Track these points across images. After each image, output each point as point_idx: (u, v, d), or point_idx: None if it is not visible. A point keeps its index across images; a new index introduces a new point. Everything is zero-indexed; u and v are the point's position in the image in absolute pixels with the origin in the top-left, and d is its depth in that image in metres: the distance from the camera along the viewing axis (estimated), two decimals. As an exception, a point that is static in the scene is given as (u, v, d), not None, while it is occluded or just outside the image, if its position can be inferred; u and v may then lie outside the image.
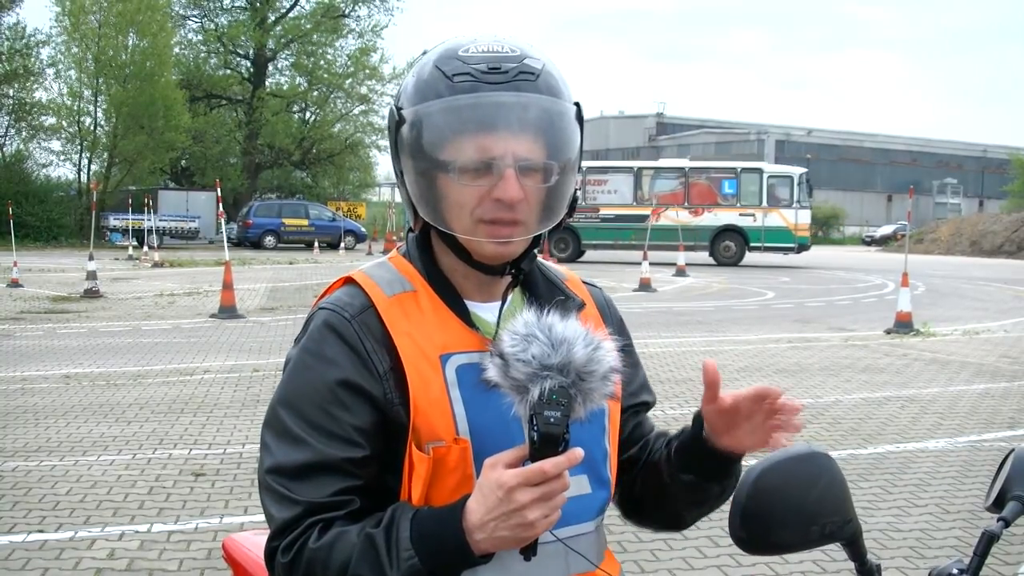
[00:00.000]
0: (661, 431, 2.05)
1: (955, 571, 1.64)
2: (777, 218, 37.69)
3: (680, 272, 30.82)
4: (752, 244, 37.91)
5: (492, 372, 1.54)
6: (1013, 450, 1.74)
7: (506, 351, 1.53)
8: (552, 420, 1.47)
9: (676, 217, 37.23)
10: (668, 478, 1.87)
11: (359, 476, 1.65)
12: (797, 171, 39.75)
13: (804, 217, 38.55)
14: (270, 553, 1.65)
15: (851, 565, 1.69)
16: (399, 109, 1.74)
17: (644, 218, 34.90)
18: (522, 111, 1.66)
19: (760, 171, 39.37)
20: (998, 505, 1.69)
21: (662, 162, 43.54)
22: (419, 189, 1.72)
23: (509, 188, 1.65)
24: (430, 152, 1.68)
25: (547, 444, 1.47)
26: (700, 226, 37.96)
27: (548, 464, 1.46)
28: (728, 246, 38.10)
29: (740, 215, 38.19)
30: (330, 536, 1.59)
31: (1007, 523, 1.65)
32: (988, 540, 1.63)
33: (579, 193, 1.81)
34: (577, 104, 1.76)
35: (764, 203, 37.95)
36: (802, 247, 38.25)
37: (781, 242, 37.58)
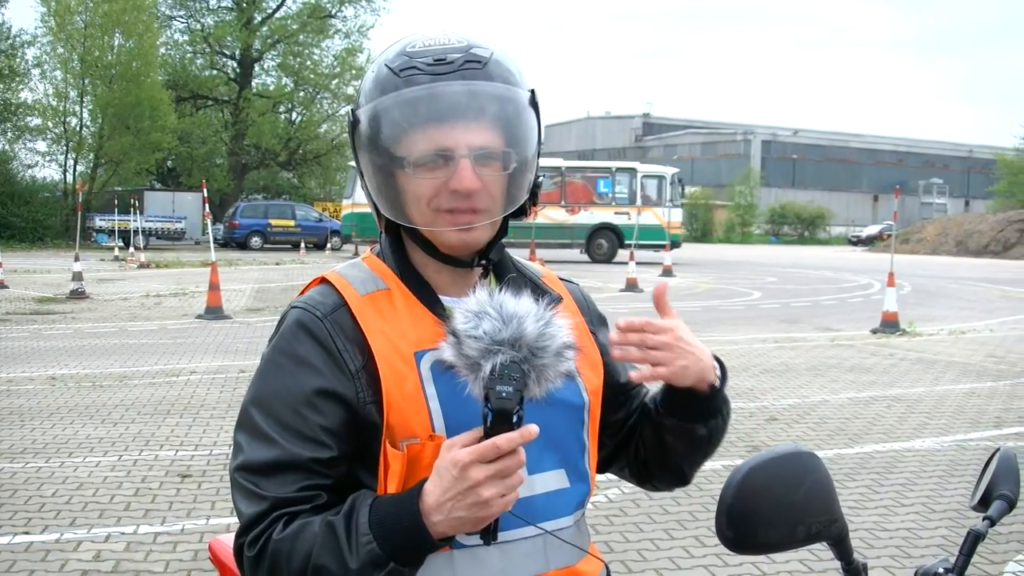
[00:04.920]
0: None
1: (941, 570, 1.64)
2: (651, 216, 38.53)
3: (666, 272, 30.86)
4: (627, 242, 38.47)
5: (446, 351, 1.55)
6: (999, 449, 1.75)
7: (458, 328, 1.54)
8: (504, 395, 1.46)
9: (552, 216, 37.96)
10: (660, 429, 1.89)
11: (327, 475, 1.65)
12: (669, 171, 41.22)
13: (676, 215, 39.98)
14: (238, 549, 1.64)
15: (838, 564, 1.69)
16: (353, 110, 1.75)
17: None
18: (470, 99, 1.66)
19: (634, 171, 40.61)
20: (984, 504, 1.69)
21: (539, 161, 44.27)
22: (377, 185, 1.73)
23: (464, 178, 1.65)
24: (384, 148, 1.69)
25: (500, 420, 1.46)
26: (576, 224, 38.74)
27: (501, 439, 1.45)
28: (600, 244, 39.16)
29: (615, 213, 39.22)
30: (294, 527, 1.59)
31: (993, 522, 1.66)
32: (974, 539, 1.63)
33: (541, 180, 1.80)
34: (532, 91, 1.76)
35: (638, 202, 38.99)
36: (674, 244, 38.91)
37: (654, 239, 38.29)
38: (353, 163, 1.86)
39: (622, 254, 38.74)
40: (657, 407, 1.88)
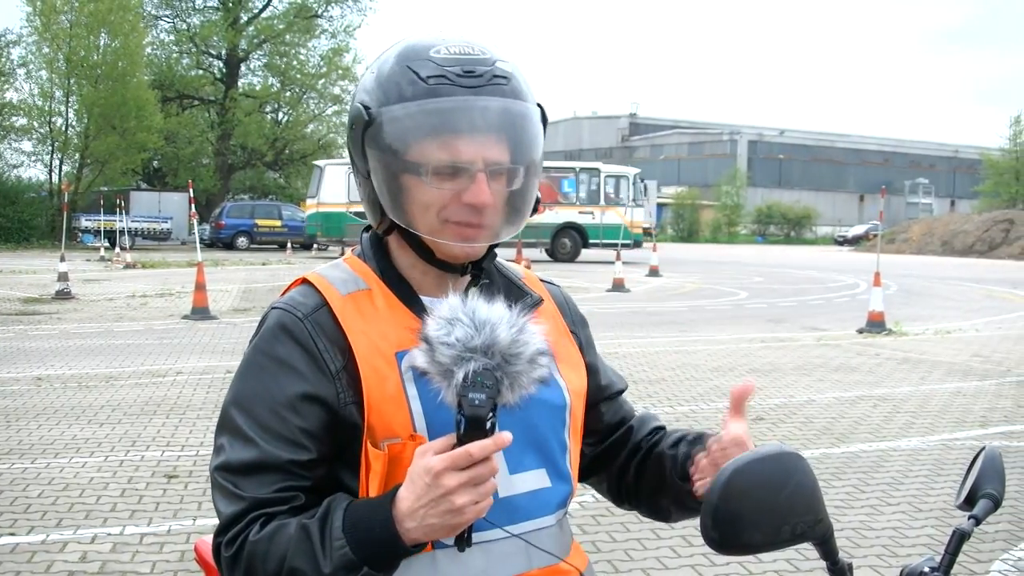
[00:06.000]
0: (652, 417, 2.11)
1: (927, 569, 1.64)
2: (614, 216, 39.03)
3: (653, 272, 30.90)
4: (591, 241, 39.37)
5: (419, 358, 1.54)
6: (984, 448, 1.75)
7: (430, 335, 1.53)
8: (477, 402, 1.46)
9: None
10: (669, 478, 1.93)
11: (305, 477, 1.65)
12: (632, 171, 41.88)
13: (638, 215, 40.44)
14: (216, 548, 1.65)
15: (824, 564, 1.69)
16: (367, 108, 1.72)
17: None
18: (496, 116, 1.67)
19: (597, 171, 41.27)
20: (969, 503, 1.69)
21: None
22: (386, 188, 1.72)
23: (480, 192, 1.66)
24: (403, 153, 1.68)
25: (473, 427, 1.46)
26: (541, 223, 39.10)
27: (474, 447, 1.45)
28: (564, 243, 39.74)
29: (579, 212, 39.88)
30: (270, 529, 1.59)
31: (978, 521, 1.66)
32: (960, 538, 1.63)
33: (539, 194, 1.81)
34: (540, 106, 1.78)
35: (601, 201, 39.71)
36: (636, 243, 39.36)
37: (617, 239, 38.60)
38: (318, 163, 1.85)
39: (586, 253, 39.20)
40: (678, 473, 1.92)
